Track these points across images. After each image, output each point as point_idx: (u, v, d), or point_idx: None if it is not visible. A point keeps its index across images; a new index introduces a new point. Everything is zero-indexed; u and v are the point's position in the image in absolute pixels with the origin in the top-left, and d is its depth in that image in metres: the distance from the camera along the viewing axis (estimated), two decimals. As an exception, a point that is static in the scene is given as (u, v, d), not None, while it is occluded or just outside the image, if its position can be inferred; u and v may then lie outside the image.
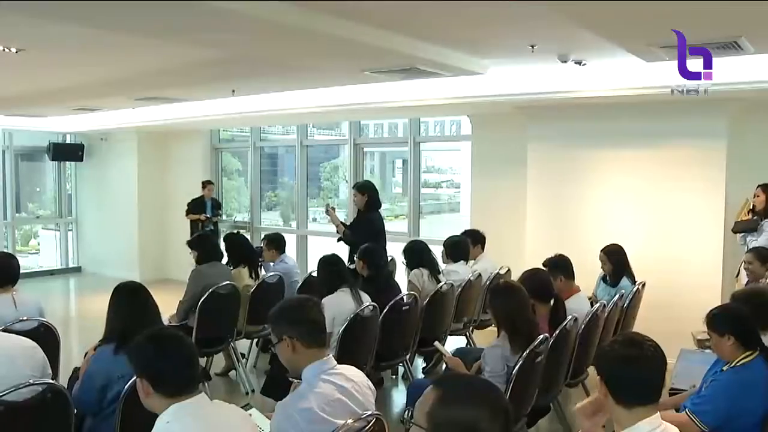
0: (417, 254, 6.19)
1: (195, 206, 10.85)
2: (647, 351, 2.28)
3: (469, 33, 5.07)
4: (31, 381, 3.27)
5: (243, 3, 3.88)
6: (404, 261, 6.31)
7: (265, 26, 4.33)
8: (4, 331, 3.97)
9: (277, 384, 5.08)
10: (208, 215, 10.79)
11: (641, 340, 2.31)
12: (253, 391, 6.11)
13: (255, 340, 6.76)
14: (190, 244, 6.30)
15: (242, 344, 6.61)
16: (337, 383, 2.88)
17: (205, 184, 11.00)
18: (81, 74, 6.97)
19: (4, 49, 5.54)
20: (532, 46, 5.29)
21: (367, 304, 5.01)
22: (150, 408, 2.45)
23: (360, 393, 2.95)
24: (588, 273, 6.03)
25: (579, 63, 5.80)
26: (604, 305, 5.14)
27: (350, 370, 3.01)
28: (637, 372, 2.25)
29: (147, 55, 5.84)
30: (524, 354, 3.85)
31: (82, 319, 9.63)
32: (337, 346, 4.68)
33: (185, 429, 2.36)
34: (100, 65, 6.43)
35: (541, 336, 4.04)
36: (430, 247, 6.40)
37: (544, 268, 5.11)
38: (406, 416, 4.16)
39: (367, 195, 6.93)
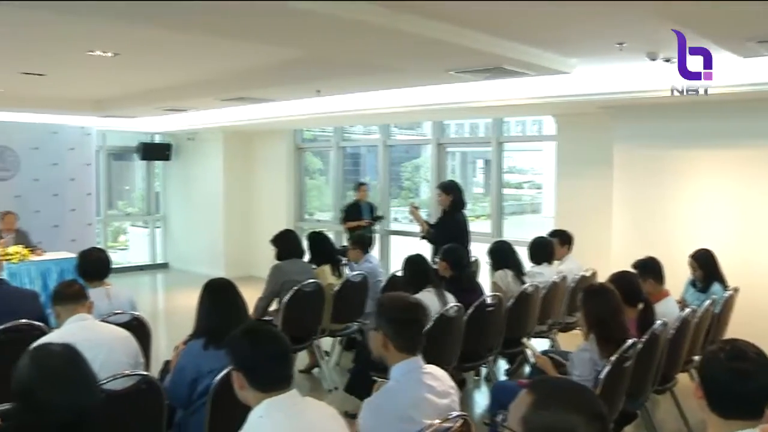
0: (503, 255, 6.14)
1: (352, 212, 9.84)
2: (755, 365, 2.11)
3: (557, 32, 5.00)
4: (127, 371, 3.40)
5: (330, 4, 3.91)
6: (490, 261, 6.26)
7: (351, 27, 4.36)
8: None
9: (361, 382, 5.11)
10: (369, 219, 9.80)
11: (749, 352, 2.14)
12: (336, 388, 6.17)
13: (338, 338, 6.82)
14: (273, 240, 6.38)
15: (326, 342, 6.69)
16: (425, 382, 2.90)
17: (359, 186, 10.14)
18: (171, 76, 7.18)
19: (100, 54, 5.75)
20: (621, 44, 5.18)
21: (452, 304, 5.00)
22: (243, 400, 2.50)
23: (446, 394, 2.96)
24: (676, 276, 5.85)
25: (668, 60, 5.65)
26: (695, 310, 5.00)
27: (436, 371, 3.03)
28: (741, 388, 2.09)
29: (234, 56, 5.96)
30: (613, 358, 3.78)
31: (170, 314, 9.90)
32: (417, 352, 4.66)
33: (276, 425, 2.40)
34: (189, 67, 6.60)
35: (630, 340, 3.95)
36: (514, 248, 6.34)
37: (633, 271, 4.99)
38: (497, 419, 4.12)
39: (452, 195, 6.91)
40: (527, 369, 6.25)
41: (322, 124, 11.58)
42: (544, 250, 6.45)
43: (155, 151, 13.37)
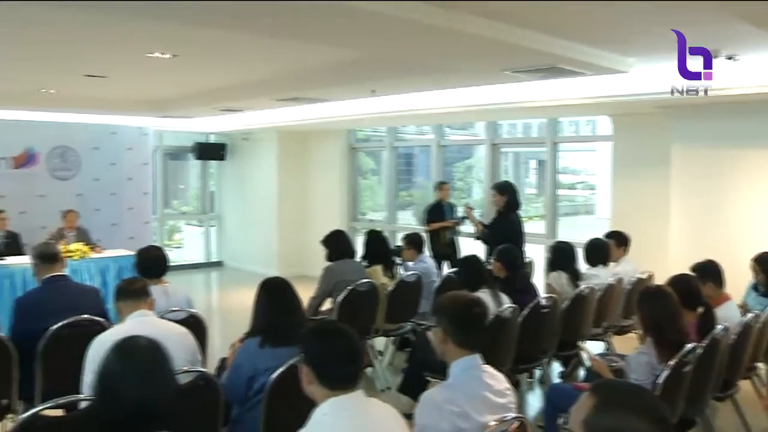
0: (563, 256, 6.06)
1: (435, 213, 9.21)
2: None
3: (615, 31, 4.94)
4: (185, 368, 3.45)
5: (387, 4, 3.92)
6: (548, 260, 6.20)
7: (407, 27, 4.36)
8: (158, 320, 4.18)
9: (414, 382, 5.13)
10: (453, 220, 9.12)
11: None
12: (389, 388, 6.18)
13: (392, 338, 6.83)
14: (323, 241, 6.42)
15: (379, 342, 6.70)
16: (484, 380, 2.92)
17: (440, 185, 9.56)
18: (227, 77, 7.27)
19: (158, 55, 5.85)
20: (680, 41, 5.08)
21: (507, 305, 4.97)
22: (309, 394, 2.52)
23: (503, 393, 2.96)
24: (737, 280, 5.70)
25: (731, 58, 5.53)
26: (757, 315, 4.88)
27: (494, 371, 3.03)
28: None
29: (291, 57, 6.01)
30: (672, 363, 3.71)
31: (224, 312, 10.02)
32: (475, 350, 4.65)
33: (340, 423, 2.41)
34: (245, 68, 6.68)
35: (690, 345, 3.87)
36: (575, 250, 6.26)
37: (692, 274, 4.89)
38: (558, 422, 4.08)
39: (507, 195, 6.88)
40: (582, 372, 6.17)
41: (375, 124, 11.60)
42: (600, 251, 6.36)
43: (210, 151, 13.56)
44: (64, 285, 4.87)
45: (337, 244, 6.32)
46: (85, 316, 4.54)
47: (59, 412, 3.17)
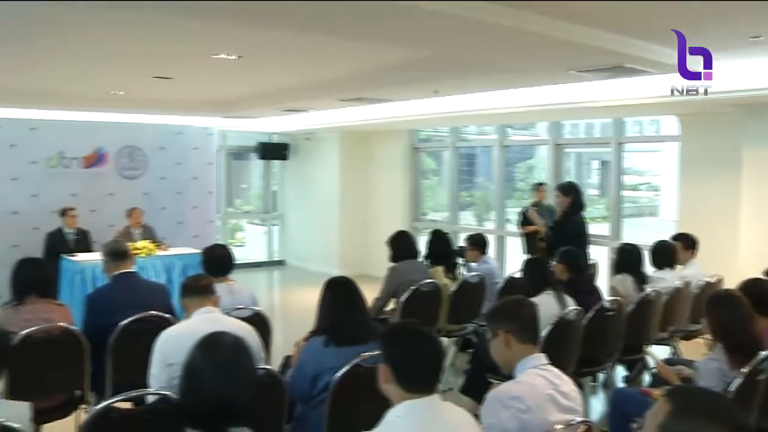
0: (630, 258, 5.95)
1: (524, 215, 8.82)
2: None
3: (686, 28, 4.82)
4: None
5: (453, 4, 3.91)
6: (614, 262, 6.11)
7: (474, 27, 4.34)
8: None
9: (477, 384, 5.11)
10: (550, 224, 8.40)
11: None
12: (450, 389, 6.16)
13: (454, 339, 6.81)
14: (389, 242, 6.43)
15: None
16: (550, 380, 2.89)
17: (537, 186, 9.24)
18: (292, 77, 7.34)
19: (224, 57, 5.94)
20: (755, 38, 4.94)
21: (571, 308, 4.91)
22: (385, 392, 2.52)
23: (570, 395, 2.92)
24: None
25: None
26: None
27: (560, 372, 2.99)
28: None
29: (355, 57, 6.03)
30: (745, 370, 3.61)
31: (285, 310, 10.13)
32: (538, 349, 4.61)
33: (413, 427, 2.40)
34: (310, 68, 6.72)
35: (764, 353, 3.76)
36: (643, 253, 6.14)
37: (766, 278, 4.76)
38: (633, 426, 4.00)
39: (572, 196, 6.79)
40: (647, 377, 6.06)
41: (438, 124, 11.58)
42: (667, 254, 6.22)
43: (273, 151, 13.70)
44: (133, 281, 4.99)
45: (401, 245, 6.33)
46: (153, 312, 4.64)
47: (128, 404, 3.24)
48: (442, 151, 12.44)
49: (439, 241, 6.77)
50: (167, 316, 4.67)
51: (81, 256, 8.68)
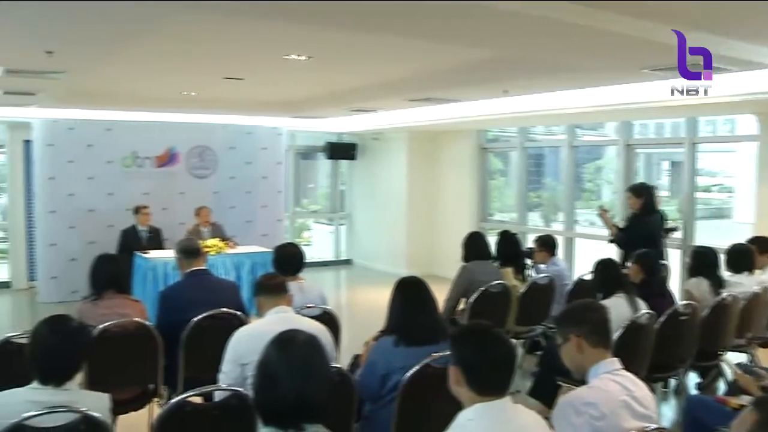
0: (705, 261, 5.81)
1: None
2: None
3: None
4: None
5: (530, 4, 3.86)
6: (688, 265, 5.96)
7: (549, 27, 4.29)
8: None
9: (545, 386, 5.05)
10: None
11: None
12: (518, 391, 6.10)
13: (521, 341, 6.75)
14: (463, 242, 6.39)
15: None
16: (624, 384, 2.82)
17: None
18: (361, 77, 7.36)
19: (295, 57, 6.00)
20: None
21: (644, 311, 4.81)
22: (455, 395, 2.51)
23: (644, 401, 2.85)
24: None
25: None
26: None
27: (633, 377, 2.93)
28: None
29: (425, 57, 6.01)
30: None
31: (352, 309, 10.17)
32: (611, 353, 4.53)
33: (484, 430, 2.39)
34: (379, 68, 6.73)
35: None
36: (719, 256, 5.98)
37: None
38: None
39: (644, 198, 6.66)
40: (722, 385, 5.90)
41: (506, 124, 11.49)
42: (745, 257, 6.03)
43: (341, 151, 13.77)
44: (205, 279, 5.08)
45: (473, 245, 6.30)
46: (224, 309, 4.72)
47: (198, 399, 3.30)
48: (510, 152, 12.34)
49: (509, 242, 6.72)
50: (238, 313, 4.74)
51: (153, 253, 8.89)
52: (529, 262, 7.09)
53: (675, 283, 7.29)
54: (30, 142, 10.55)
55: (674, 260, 8.01)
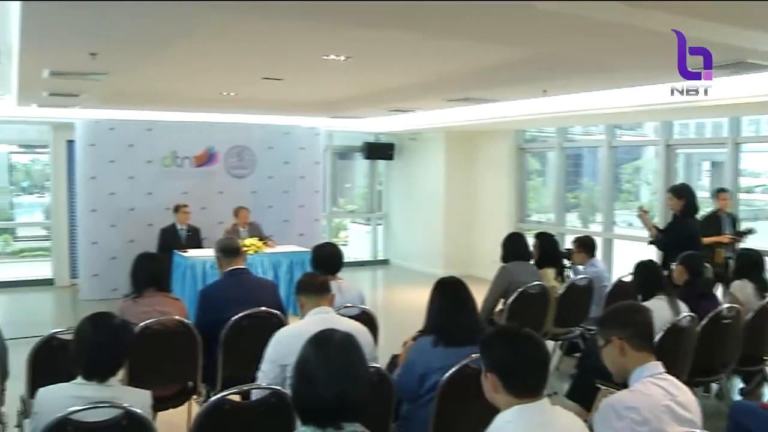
0: (750, 264, 5.70)
1: (711, 225, 7.60)
2: None
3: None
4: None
5: (573, 4, 3.82)
6: (733, 267, 5.87)
7: (589, 26, 4.24)
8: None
9: (583, 389, 4.99)
10: (732, 235, 7.65)
11: None
12: (555, 393, 6.05)
13: (559, 342, 6.70)
14: (503, 242, 6.36)
15: (547, 345, 6.56)
16: (667, 389, 2.77)
17: (718, 193, 7.99)
18: (400, 77, 7.35)
19: (333, 58, 6.01)
20: None
21: (685, 314, 4.74)
22: (493, 402, 2.48)
23: (688, 406, 2.80)
24: None
25: None
26: None
27: (677, 381, 2.88)
28: None
29: (464, 57, 5.98)
30: None
31: (389, 309, 10.15)
32: (654, 357, 4.47)
33: None
34: (418, 68, 6.72)
35: None
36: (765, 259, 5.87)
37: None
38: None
39: (685, 199, 6.56)
40: (766, 391, 5.79)
41: (545, 124, 11.42)
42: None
43: (379, 151, 13.80)
44: (244, 278, 5.11)
45: (513, 246, 6.27)
46: (263, 308, 4.76)
47: (236, 397, 3.32)
48: (547, 152, 12.25)
49: (547, 243, 6.67)
50: (277, 312, 4.77)
51: (192, 252, 8.98)
52: (567, 263, 7.03)
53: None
54: (73, 143, 10.74)
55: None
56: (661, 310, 4.66)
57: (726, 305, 5.22)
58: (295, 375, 2.34)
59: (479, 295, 6.01)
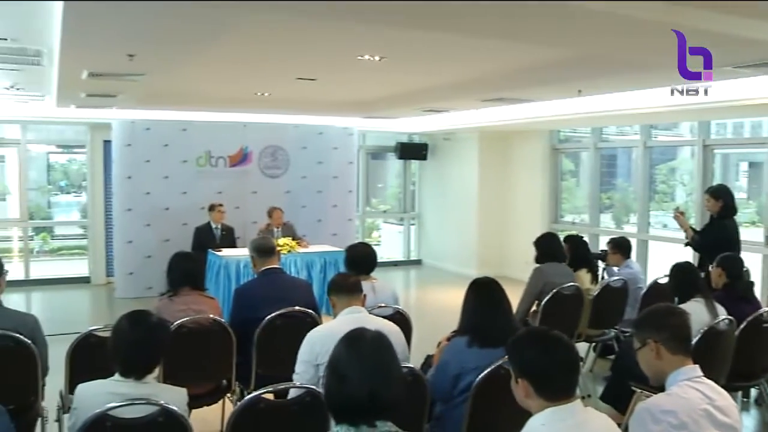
0: None
1: None
2: None
3: None
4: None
5: (612, 3, 3.79)
6: None
7: (627, 25, 4.19)
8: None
9: (618, 391, 4.95)
10: None
11: None
12: (589, 396, 6.01)
13: (593, 344, 6.64)
14: (535, 242, 6.32)
15: (580, 347, 6.50)
16: (705, 393, 2.72)
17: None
18: (435, 78, 7.34)
19: (368, 58, 6.01)
20: None
21: (723, 317, 4.67)
22: (526, 407, 2.46)
23: (727, 411, 2.74)
24: None
25: None
26: None
27: (715, 386, 2.83)
28: None
29: (500, 57, 5.96)
30: None
31: (423, 309, 10.14)
32: (691, 360, 4.41)
33: None
34: (453, 68, 6.69)
35: None
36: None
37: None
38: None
39: (722, 200, 6.45)
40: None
41: (580, 124, 11.33)
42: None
43: (412, 151, 13.80)
44: (278, 277, 5.13)
45: (547, 247, 6.22)
46: (297, 307, 4.77)
47: (270, 396, 3.34)
48: (581, 152, 12.15)
49: (577, 245, 6.60)
50: (310, 312, 4.78)
51: (226, 251, 9.04)
52: (601, 264, 6.97)
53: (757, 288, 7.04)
54: (109, 143, 10.88)
55: (753, 264, 7.75)
56: (698, 313, 4.59)
57: (765, 308, 5.12)
58: (328, 374, 2.35)
59: (513, 296, 5.99)
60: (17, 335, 3.90)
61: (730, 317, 4.71)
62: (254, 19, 4.65)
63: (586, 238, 8.32)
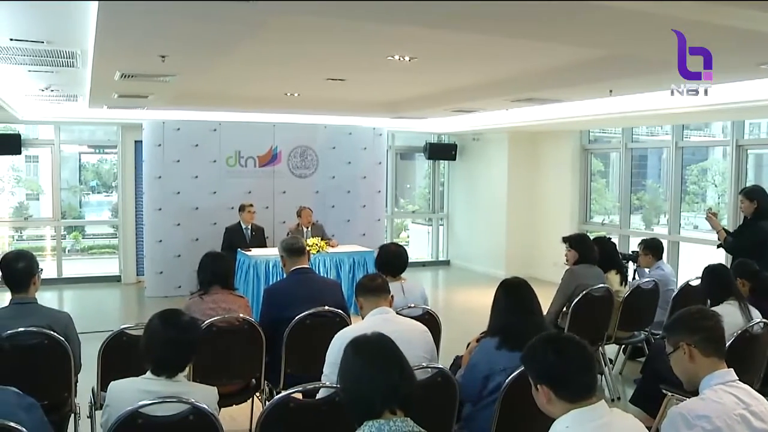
0: None
1: None
2: None
3: None
4: (424, 364, 3.52)
5: (640, 3, 3.75)
6: None
7: (660, 24, 4.15)
8: (396, 316, 4.28)
9: (648, 394, 4.90)
10: None
11: None
12: (618, 398, 5.96)
13: (623, 346, 6.58)
14: (569, 240, 6.25)
15: (610, 349, 6.46)
16: (740, 397, 2.67)
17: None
18: (464, 78, 7.33)
19: (398, 58, 6.01)
20: None
21: (758, 320, 4.60)
22: (549, 413, 2.45)
23: (762, 415, 2.69)
24: None
25: None
26: None
27: (750, 390, 2.78)
28: None
29: (530, 57, 5.93)
30: None
31: (451, 310, 10.12)
32: (725, 364, 4.35)
33: None
34: (483, 69, 6.69)
35: None
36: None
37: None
38: None
39: (757, 202, 6.36)
40: None
41: (611, 124, 11.24)
42: None
43: (441, 151, 13.79)
44: (308, 277, 5.13)
45: (581, 248, 6.16)
46: (327, 307, 4.78)
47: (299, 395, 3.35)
48: (610, 153, 12.05)
49: (605, 247, 6.53)
50: (340, 312, 4.79)
51: (255, 251, 9.09)
52: (631, 265, 6.89)
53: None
54: (140, 143, 11.00)
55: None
56: (731, 316, 4.53)
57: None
58: (341, 384, 2.38)
59: (542, 297, 5.94)
60: (51, 332, 3.95)
61: (765, 320, 4.64)
62: (285, 19, 4.66)
63: (615, 240, 8.25)
